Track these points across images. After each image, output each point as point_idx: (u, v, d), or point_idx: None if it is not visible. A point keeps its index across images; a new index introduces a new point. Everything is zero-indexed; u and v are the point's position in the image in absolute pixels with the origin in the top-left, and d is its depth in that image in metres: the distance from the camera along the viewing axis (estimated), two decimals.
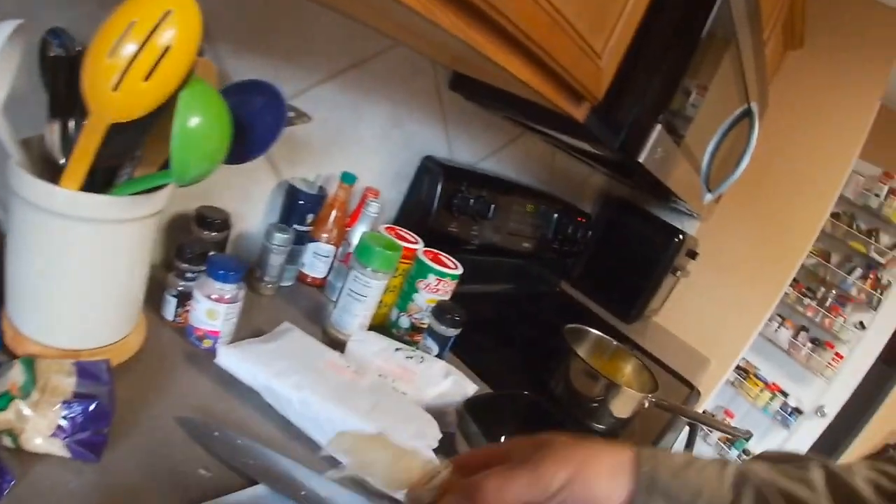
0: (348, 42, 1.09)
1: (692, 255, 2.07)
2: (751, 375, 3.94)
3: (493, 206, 1.39)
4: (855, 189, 3.58)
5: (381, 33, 1.10)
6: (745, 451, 3.85)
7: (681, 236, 1.92)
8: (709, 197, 1.59)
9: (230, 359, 0.79)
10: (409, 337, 1.10)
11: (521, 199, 1.60)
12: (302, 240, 1.15)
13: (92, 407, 0.58)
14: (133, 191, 0.65)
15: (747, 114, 1.42)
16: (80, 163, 0.61)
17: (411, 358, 0.91)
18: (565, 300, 2.07)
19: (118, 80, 0.54)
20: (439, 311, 1.00)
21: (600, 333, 1.39)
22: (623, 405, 1.20)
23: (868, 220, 3.72)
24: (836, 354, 3.71)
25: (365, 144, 1.24)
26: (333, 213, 1.16)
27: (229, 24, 0.91)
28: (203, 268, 0.85)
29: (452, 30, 0.65)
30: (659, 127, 0.97)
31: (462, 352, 1.17)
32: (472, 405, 0.84)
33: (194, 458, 0.66)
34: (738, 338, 2.15)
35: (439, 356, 1.01)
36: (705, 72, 1.10)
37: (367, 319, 1.04)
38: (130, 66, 0.53)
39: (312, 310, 1.12)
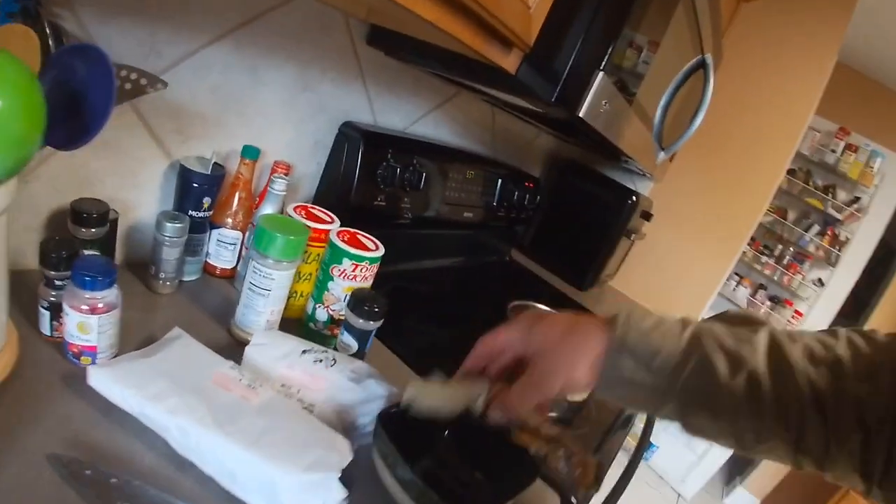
0: None
1: (647, 216, 1.97)
2: None
3: (424, 174, 1.25)
4: (811, 145, 3.58)
5: None
6: None
7: (634, 198, 1.83)
8: (662, 156, 1.49)
9: (101, 380, 0.67)
10: (328, 331, 0.97)
11: (460, 166, 1.46)
12: (202, 227, 1.00)
13: None
14: None
15: (701, 65, 1.31)
16: None
17: (320, 361, 0.77)
18: (516, 270, 1.95)
19: None
20: (355, 301, 0.86)
21: (549, 309, 1.27)
22: None
23: (824, 176, 3.72)
24: (796, 312, 3.74)
25: (269, 113, 1.08)
26: (238, 193, 1.02)
27: None
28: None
29: None
30: (601, 76, 0.84)
31: (395, 342, 1.05)
32: (389, 417, 0.70)
33: (64, 502, 0.55)
34: (697, 298, 2.10)
35: (359, 353, 0.88)
36: (655, 20, 0.99)
37: (277, 315, 0.90)
38: None
39: (219, 306, 0.98)
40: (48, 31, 0.66)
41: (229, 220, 1.02)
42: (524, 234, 2.06)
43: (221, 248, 1.04)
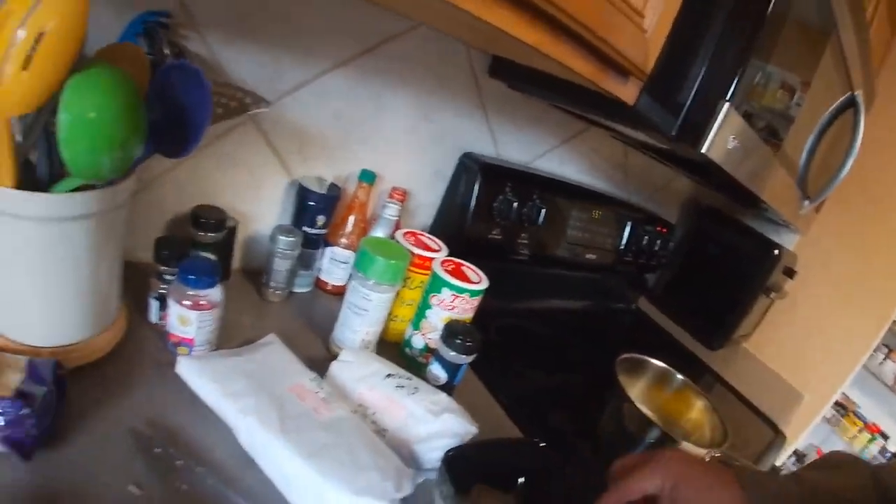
0: (360, 24, 0.96)
1: (789, 273, 1.80)
2: (849, 413, 3.52)
3: (544, 210, 1.22)
4: None
5: (396, 12, 0.97)
6: None
7: (777, 251, 1.67)
8: (806, 205, 1.36)
9: (187, 370, 0.72)
10: (423, 359, 0.95)
11: (585, 204, 1.41)
12: (316, 243, 1.04)
13: (21, 407, 0.57)
14: (69, 188, 0.59)
15: (851, 103, 1.19)
16: (2, 159, 0.56)
17: (402, 388, 0.76)
18: (641, 320, 1.85)
19: None
20: (448, 332, 0.84)
21: (663, 365, 1.19)
22: None
23: None
24: None
25: (390, 139, 1.10)
26: (353, 215, 1.05)
27: (218, 9, 0.82)
28: None
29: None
30: (727, 107, 0.77)
31: (495, 381, 1.02)
32: (456, 457, 0.67)
33: (130, 472, 0.61)
34: (838, 370, 1.86)
35: (447, 386, 0.86)
36: (797, 56, 0.92)
37: (372, 336, 0.91)
38: (7, 57, 0.49)
39: (323, 320, 1.00)
40: (167, 51, 0.71)
41: (343, 240, 1.05)
42: (655, 283, 1.96)
43: (334, 266, 1.07)
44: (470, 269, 0.96)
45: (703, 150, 0.78)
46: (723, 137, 0.79)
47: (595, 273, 1.59)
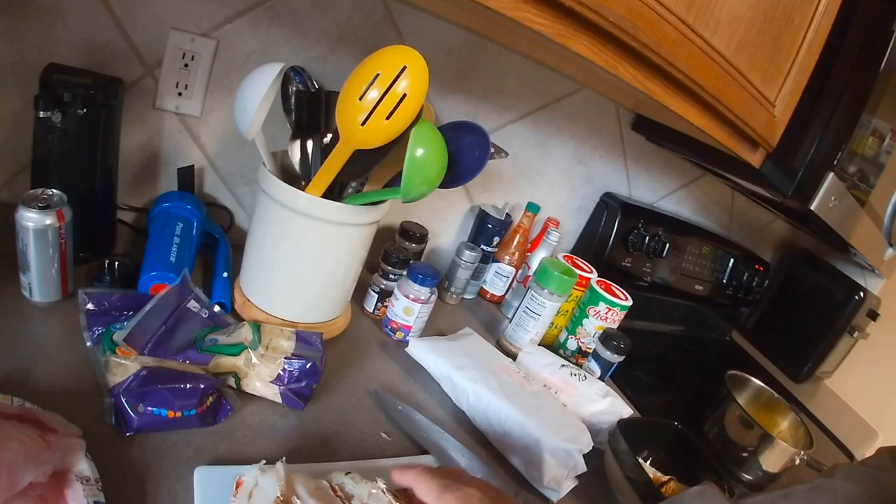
0: (539, 85, 1.21)
1: (873, 315, 1.92)
2: None
3: (668, 245, 1.44)
4: None
5: (569, 77, 1.22)
6: None
7: (861, 294, 1.80)
8: (890, 252, 1.51)
9: (420, 349, 0.96)
10: (574, 359, 1.18)
11: (697, 241, 1.62)
12: (486, 259, 1.28)
13: (307, 365, 0.74)
14: (363, 202, 0.83)
15: None
16: (324, 176, 0.80)
17: (575, 375, 0.99)
18: (733, 350, 2.01)
19: (365, 118, 0.71)
20: (606, 337, 1.07)
21: (762, 384, 1.38)
22: (774, 458, 1.16)
23: None
24: None
25: (550, 178, 1.35)
26: (517, 238, 1.28)
27: (436, 69, 1.02)
28: (404, 272, 1.02)
29: (632, 82, 0.75)
30: (832, 176, 0.99)
31: (621, 381, 1.22)
32: (625, 425, 0.89)
33: (379, 423, 0.81)
34: None
35: (600, 379, 1.09)
36: (886, 104, 1.08)
37: (539, 337, 1.14)
38: (376, 108, 0.70)
39: (489, 322, 1.25)
40: None
41: (507, 258, 1.29)
42: (748, 317, 2.13)
43: (497, 279, 1.31)
44: (617, 289, 1.19)
45: (812, 208, 1.00)
46: (826, 198, 1.01)
47: (697, 303, 1.78)
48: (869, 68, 0.96)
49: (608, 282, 1.20)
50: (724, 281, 1.76)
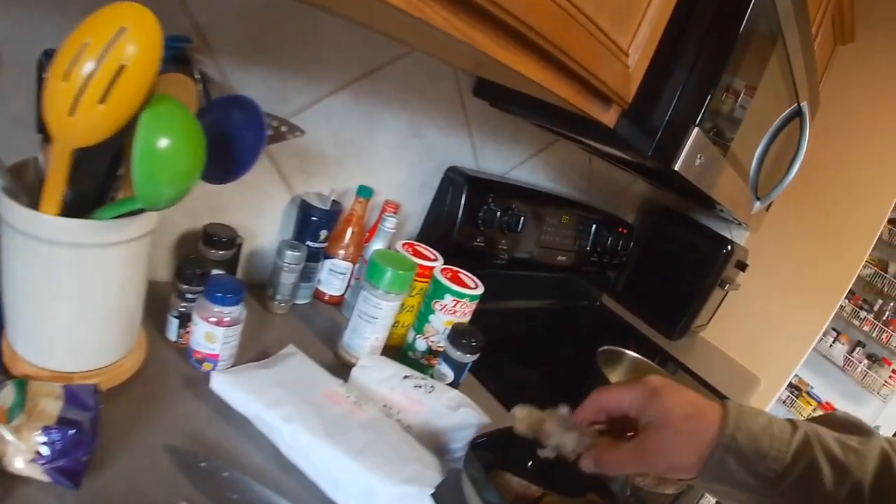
0: (358, 50, 1.04)
1: (741, 266, 1.95)
2: (803, 393, 3.76)
3: (522, 218, 1.31)
4: None
5: (394, 39, 1.04)
6: None
7: (729, 247, 1.81)
8: (757, 205, 1.49)
9: (223, 385, 0.76)
10: (425, 361, 1.03)
11: (556, 210, 1.52)
12: (317, 256, 1.10)
13: (71, 434, 0.57)
14: (112, 215, 0.62)
15: (797, 114, 1.32)
16: (53, 188, 0.59)
17: (420, 387, 0.84)
18: (606, 315, 1.97)
19: (73, 105, 0.50)
20: (455, 334, 0.92)
21: (638, 356, 1.30)
22: None
23: None
24: (894, 371, 3.53)
25: (383, 156, 1.18)
26: (350, 228, 1.12)
27: (231, 37, 0.88)
28: (202, 289, 0.81)
29: (447, 28, 0.59)
30: (696, 131, 0.88)
31: (484, 376, 1.10)
32: (480, 443, 0.76)
33: (178, 489, 0.63)
34: (790, 354, 2.02)
35: (454, 383, 0.94)
36: (750, 71, 1.02)
37: (380, 342, 0.98)
38: (84, 89, 0.50)
39: (327, 329, 1.07)
40: (197, 76, 0.77)
41: (342, 252, 1.11)
42: (616, 281, 2.08)
43: (332, 277, 1.14)
44: (466, 275, 1.04)
45: (676, 168, 0.88)
46: (691, 156, 0.90)
47: (564, 273, 1.69)
48: (735, 10, 0.86)
49: (455, 269, 1.05)
50: (588, 248, 1.69)
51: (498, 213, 1.26)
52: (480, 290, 1.01)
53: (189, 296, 0.84)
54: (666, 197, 2.07)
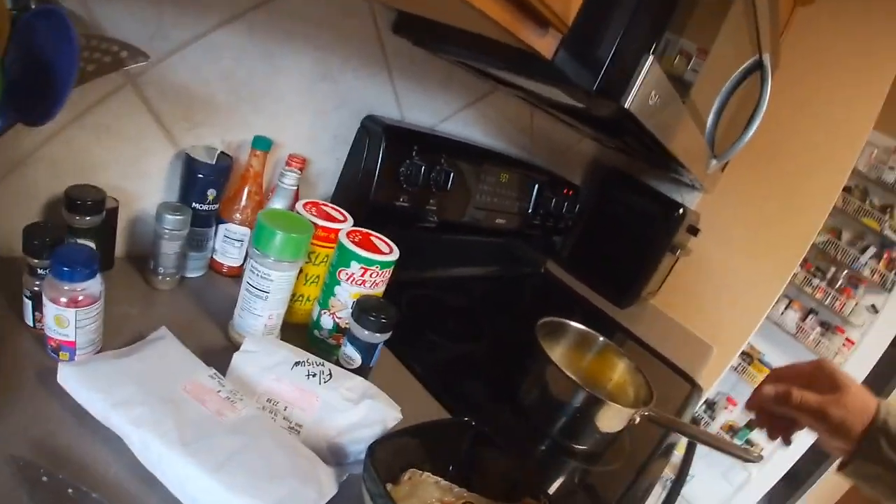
0: None
1: (693, 231, 1.85)
2: (755, 360, 3.74)
3: (452, 174, 1.17)
4: (868, 162, 3.41)
5: None
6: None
7: (681, 210, 1.71)
8: (714, 164, 1.38)
9: (69, 379, 0.62)
10: (333, 340, 0.90)
11: (493, 167, 1.38)
12: (207, 221, 0.96)
13: None
14: None
15: (759, 66, 1.21)
16: None
17: (314, 376, 0.70)
18: (551, 283, 1.86)
19: None
20: (359, 309, 0.79)
21: (583, 328, 1.19)
22: (609, 420, 1.01)
23: (882, 195, 3.51)
24: (847, 340, 3.51)
25: (286, 102, 1.02)
26: (247, 187, 0.97)
27: None
28: None
29: None
30: (651, 60, 0.73)
31: (411, 357, 0.98)
32: (381, 448, 0.62)
33: None
34: (743, 322, 1.95)
35: (363, 368, 0.81)
36: (710, 18, 0.90)
37: (276, 319, 0.84)
38: None
39: (222, 306, 0.92)
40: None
41: (238, 215, 0.97)
42: (562, 246, 1.97)
43: (228, 245, 0.99)
44: (379, 239, 0.90)
45: (627, 106, 0.74)
46: (645, 92, 0.76)
47: (503, 238, 1.57)
48: None
49: (367, 231, 0.91)
50: (531, 210, 1.56)
51: (423, 169, 1.11)
52: (394, 256, 0.87)
53: (40, 271, 0.69)
54: (615, 157, 1.96)
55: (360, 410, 0.68)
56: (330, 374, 0.71)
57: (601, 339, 1.20)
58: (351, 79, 1.08)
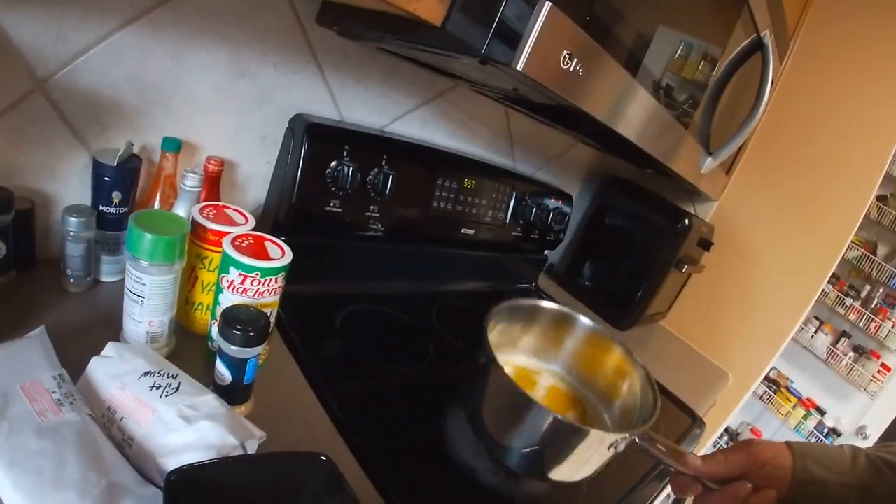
0: None
1: (705, 245, 1.74)
2: (782, 388, 3.56)
3: (391, 177, 1.12)
4: None
5: None
6: None
7: (686, 221, 1.60)
8: (709, 162, 1.29)
9: None
10: None
11: (454, 173, 1.32)
12: (118, 224, 0.95)
13: None
14: None
15: (758, 47, 1.12)
16: None
17: (157, 388, 0.66)
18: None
19: None
20: (224, 320, 0.74)
21: (564, 309, 1.10)
22: (586, 453, 0.83)
23: None
24: (883, 366, 3.32)
25: (200, 102, 1.01)
26: (160, 189, 0.96)
27: None
28: None
29: None
30: (548, 7, 0.63)
31: (325, 384, 0.92)
32: (182, 479, 0.56)
33: None
34: (764, 346, 1.81)
35: (234, 387, 0.76)
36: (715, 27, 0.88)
37: (158, 326, 0.82)
38: None
39: None
40: None
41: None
42: (560, 260, 1.90)
43: None
44: (275, 244, 0.87)
45: (519, 67, 0.64)
46: (550, 51, 0.67)
47: (479, 251, 1.51)
48: None
49: (261, 235, 0.88)
50: (508, 220, 1.48)
51: (353, 171, 1.06)
52: (284, 262, 0.83)
53: None
54: (617, 165, 1.87)
55: (193, 432, 0.64)
56: (178, 388, 0.68)
57: (585, 321, 1.11)
58: (274, 75, 1.06)
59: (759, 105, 1.14)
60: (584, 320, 1.12)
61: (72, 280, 0.91)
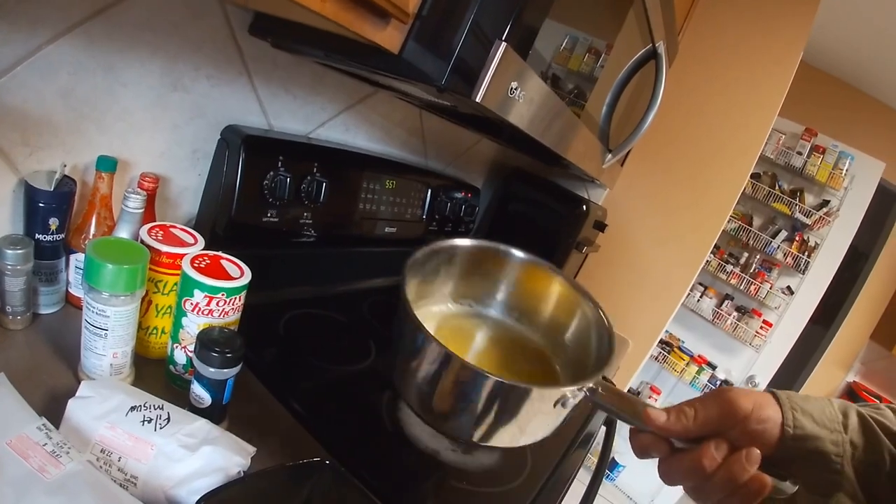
0: None
1: (600, 226, 1.89)
2: (675, 349, 3.87)
3: (325, 184, 1.15)
4: (776, 148, 3.58)
5: None
6: None
7: (584, 207, 1.74)
8: (609, 158, 1.40)
9: None
10: (188, 375, 0.86)
11: (377, 174, 1.37)
12: (55, 252, 0.91)
13: None
14: None
15: (652, 56, 1.22)
16: None
17: (149, 422, 0.67)
18: None
19: None
20: (201, 343, 0.75)
21: (487, 243, 1.07)
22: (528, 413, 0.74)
23: (791, 179, 3.70)
24: (765, 322, 3.69)
25: (133, 118, 0.99)
26: (95, 211, 0.93)
27: None
28: None
29: None
30: (503, 48, 0.71)
31: (289, 391, 0.94)
32: (211, 499, 0.58)
33: None
34: (658, 313, 2.02)
35: (214, 408, 0.78)
36: (601, 21, 0.93)
37: (122, 357, 0.81)
38: None
39: (75, 344, 0.86)
40: None
41: (87, 244, 0.91)
42: None
43: (81, 276, 0.94)
44: (230, 261, 0.88)
45: (478, 99, 0.72)
46: (502, 83, 0.75)
47: (397, 247, 1.55)
48: None
49: (216, 255, 0.89)
50: (425, 216, 1.53)
51: (290, 181, 1.09)
52: (244, 281, 0.85)
53: None
54: (517, 157, 1.97)
55: (198, 458, 0.66)
56: (168, 418, 0.69)
57: (522, 254, 1.06)
58: (206, 87, 1.06)
59: (653, 107, 1.26)
60: (517, 252, 1.06)
61: (10, 317, 0.86)
